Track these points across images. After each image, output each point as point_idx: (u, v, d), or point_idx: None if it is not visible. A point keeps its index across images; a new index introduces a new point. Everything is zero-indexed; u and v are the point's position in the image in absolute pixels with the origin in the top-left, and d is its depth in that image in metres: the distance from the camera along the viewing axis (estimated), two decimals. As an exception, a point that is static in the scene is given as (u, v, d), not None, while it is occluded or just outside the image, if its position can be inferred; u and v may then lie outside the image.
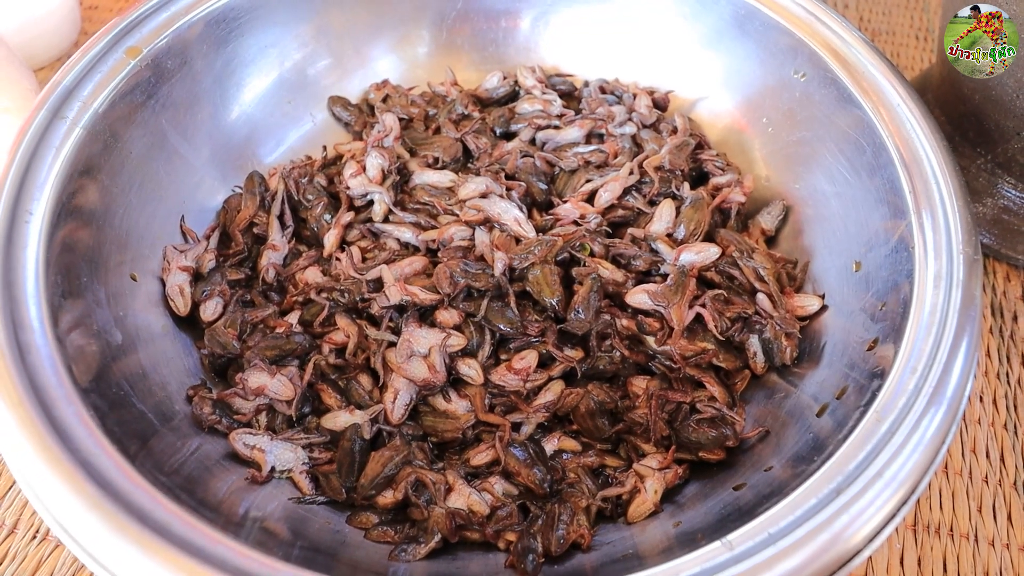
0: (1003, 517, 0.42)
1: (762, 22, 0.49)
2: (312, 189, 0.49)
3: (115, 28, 0.43)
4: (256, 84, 0.52)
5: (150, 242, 0.44)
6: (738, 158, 0.52)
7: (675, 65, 0.55)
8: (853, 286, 0.42)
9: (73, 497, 0.27)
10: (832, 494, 0.28)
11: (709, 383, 0.41)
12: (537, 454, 0.38)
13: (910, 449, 0.29)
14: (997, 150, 0.50)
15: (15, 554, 0.40)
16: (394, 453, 0.38)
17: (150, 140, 0.45)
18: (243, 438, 0.38)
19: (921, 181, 0.39)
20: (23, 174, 0.37)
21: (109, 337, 0.37)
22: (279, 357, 0.41)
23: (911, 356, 0.33)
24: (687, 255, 0.43)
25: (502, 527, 0.36)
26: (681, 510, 0.37)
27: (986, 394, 0.47)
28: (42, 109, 0.39)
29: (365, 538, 0.36)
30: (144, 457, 0.32)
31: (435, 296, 0.41)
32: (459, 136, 0.52)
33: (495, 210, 0.45)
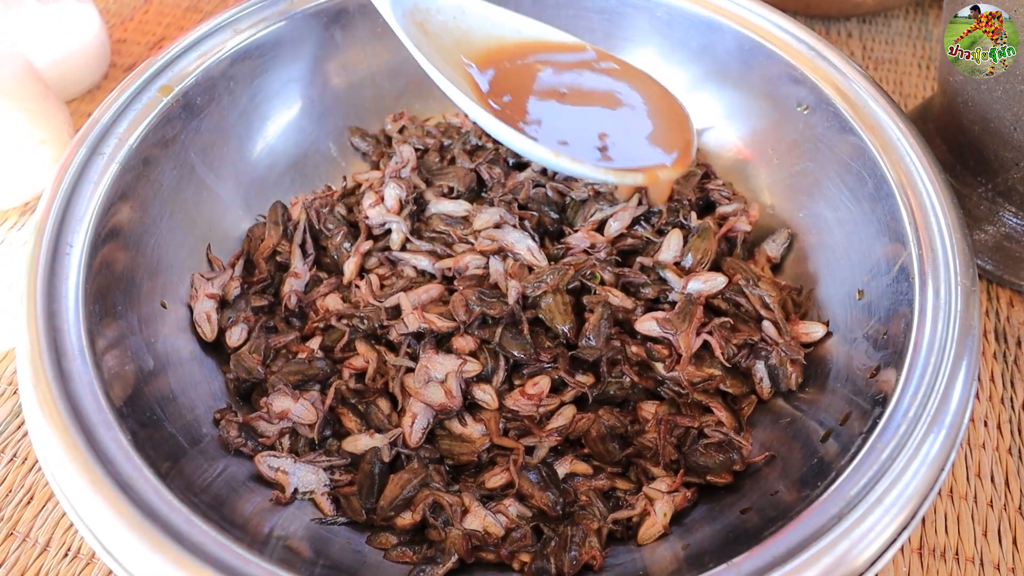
0: (1008, 541, 0.43)
1: (765, 56, 0.51)
2: (332, 218, 0.51)
3: (149, 68, 0.46)
4: (279, 117, 0.54)
5: (178, 270, 0.46)
6: (743, 188, 0.54)
7: (682, 97, 0.57)
8: (856, 313, 0.43)
9: (114, 518, 0.29)
10: (835, 519, 0.29)
11: (716, 408, 0.42)
12: (550, 477, 0.40)
13: (911, 475, 0.30)
14: (997, 179, 0.51)
15: (47, 572, 0.41)
16: (412, 476, 0.39)
17: (179, 172, 0.47)
18: (268, 460, 0.40)
19: (920, 213, 0.40)
20: (64, 208, 0.39)
21: (142, 362, 0.39)
22: (302, 382, 0.43)
23: (912, 384, 0.34)
24: (695, 283, 0.45)
25: (516, 548, 0.37)
26: (689, 532, 0.38)
27: (990, 419, 0.48)
28: (82, 145, 0.41)
29: (384, 558, 0.37)
30: (176, 477, 0.34)
31: (451, 323, 0.43)
32: (473, 166, 0.54)
33: (508, 239, 0.47)
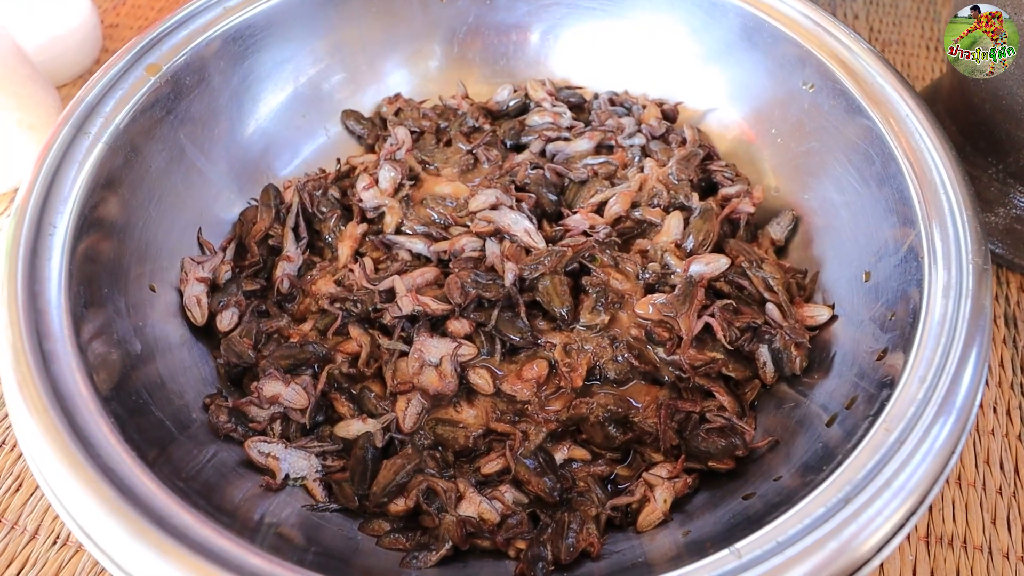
0: (1017, 529, 0.42)
1: (770, 34, 0.50)
2: (326, 201, 0.50)
3: (136, 46, 0.44)
4: (272, 99, 0.53)
5: (168, 254, 0.45)
6: (747, 169, 0.53)
7: (684, 77, 0.56)
8: (863, 296, 0.42)
9: (94, 502, 0.28)
10: (840, 503, 0.28)
11: (719, 393, 0.41)
12: (547, 463, 0.39)
13: (919, 459, 0.29)
14: (1008, 160, 0.50)
15: (36, 559, 0.40)
16: (406, 461, 0.38)
17: (169, 154, 0.46)
18: (258, 446, 0.39)
19: (930, 191, 0.39)
20: (47, 188, 0.38)
21: (129, 346, 0.38)
22: (293, 366, 0.42)
23: (920, 366, 0.33)
24: (696, 266, 0.43)
25: (512, 535, 0.36)
26: (690, 519, 0.37)
27: (1000, 405, 0.47)
28: (66, 125, 0.40)
29: (377, 545, 0.37)
30: (163, 463, 0.33)
31: (446, 306, 0.42)
32: (470, 148, 0.53)
33: (505, 221, 0.46)
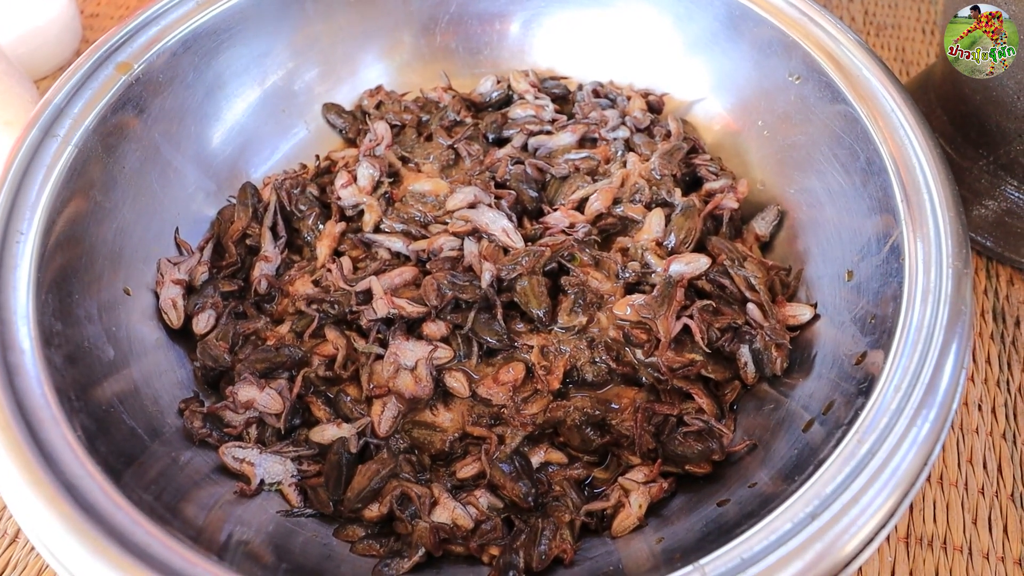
0: (999, 530, 0.41)
1: (755, 22, 0.48)
2: (304, 199, 0.50)
3: (104, 44, 0.44)
4: (249, 94, 0.52)
5: (144, 255, 0.45)
6: (733, 162, 0.52)
7: (670, 67, 0.55)
8: (845, 295, 0.41)
9: (54, 519, 0.28)
10: (807, 519, 0.28)
11: (697, 395, 0.41)
12: (523, 467, 0.38)
13: (889, 473, 0.29)
14: (999, 151, 0.49)
15: (16, 563, 0.41)
16: (380, 467, 0.38)
17: (143, 154, 0.45)
18: (232, 452, 0.39)
19: (914, 191, 0.38)
20: (14, 195, 0.37)
21: (100, 353, 0.38)
22: (269, 370, 0.42)
23: (898, 369, 0.33)
24: (676, 266, 0.43)
25: (486, 541, 0.36)
26: (665, 524, 0.37)
27: (985, 402, 0.46)
28: (33, 128, 0.40)
29: (351, 552, 0.36)
30: (131, 475, 0.33)
31: (422, 308, 0.42)
32: (451, 143, 0.52)
33: (483, 220, 0.45)
